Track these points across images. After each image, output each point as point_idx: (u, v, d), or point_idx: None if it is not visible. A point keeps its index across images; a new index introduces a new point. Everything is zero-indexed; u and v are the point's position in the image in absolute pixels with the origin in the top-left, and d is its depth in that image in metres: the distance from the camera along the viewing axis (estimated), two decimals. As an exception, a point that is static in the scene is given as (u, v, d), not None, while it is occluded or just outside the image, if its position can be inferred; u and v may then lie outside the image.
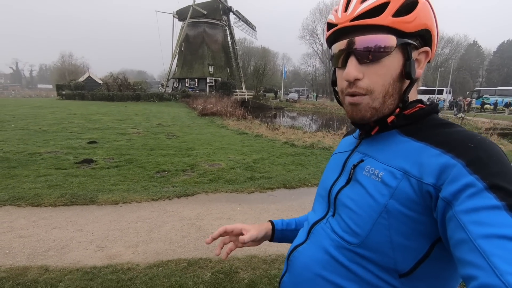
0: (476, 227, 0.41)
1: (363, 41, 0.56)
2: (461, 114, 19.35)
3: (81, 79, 38.38)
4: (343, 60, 0.60)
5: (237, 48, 46.18)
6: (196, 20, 39.75)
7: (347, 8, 0.59)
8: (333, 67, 0.68)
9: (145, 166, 5.63)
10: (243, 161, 6.17)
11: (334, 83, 0.69)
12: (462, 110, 21.56)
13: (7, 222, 3.16)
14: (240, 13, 42.68)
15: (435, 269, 0.54)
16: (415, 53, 0.58)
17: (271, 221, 0.92)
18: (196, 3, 38.73)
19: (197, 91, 36.45)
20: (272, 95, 48.36)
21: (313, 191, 4.53)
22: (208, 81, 39.13)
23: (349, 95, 0.60)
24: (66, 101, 28.76)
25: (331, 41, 0.64)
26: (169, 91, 37.02)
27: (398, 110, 0.59)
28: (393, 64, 0.57)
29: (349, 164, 0.67)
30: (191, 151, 7.10)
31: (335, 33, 0.61)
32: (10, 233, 2.92)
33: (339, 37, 0.60)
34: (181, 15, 41.24)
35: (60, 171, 5.12)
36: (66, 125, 11.19)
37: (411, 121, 0.60)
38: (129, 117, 14.98)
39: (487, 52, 61.78)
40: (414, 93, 0.63)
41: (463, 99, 25.34)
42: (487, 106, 27.49)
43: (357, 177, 0.62)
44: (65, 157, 6.16)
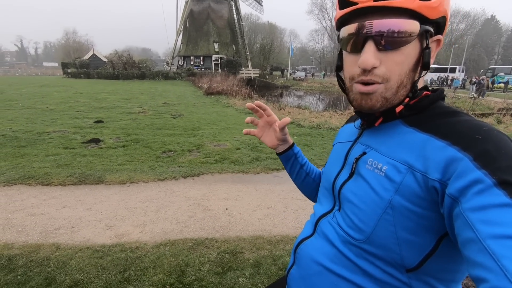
0: (484, 227, 0.39)
1: (386, 25, 0.50)
2: (480, 96, 18.20)
3: (86, 57, 38.04)
4: (355, 44, 0.54)
5: (243, 24, 44.82)
6: (201, -6, 38.48)
7: None
8: (339, 49, 0.62)
9: (151, 146, 5.66)
10: (249, 142, 6.15)
11: (339, 68, 0.63)
12: (484, 90, 19.85)
13: (19, 200, 3.25)
14: (246, -13, 41.07)
15: (443, 263, 0.52)
16: (430, 41, 0.54)
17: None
18: (200, -24, 37.30)
19: (203, 69, 35.98)
20: (278, 73, 47.50)
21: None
22: (213, 59, 38.46)
23: (361, 84, 0.55)
24: (71, 79, 28.76)
25: (343, 21, 0.57)
26: (174, 69, 36.61)
27: (407, 99, 0.56)
28: (411, 52, 0.53)
29: (351, 156, 0.65)
30: (197, 131, 7.10)
31: (351, 13, 0.54)
32: (22, 211, 3.01)
33: (355, 18, 0.55)
34: (185, -11, 39.89)
35: (68, 151, 5.18)
36: (72, 104, 11.23)
37: (416, 111, 0.57)
38: (135, 96, 14.94)
39: (505, 27, 58.92)
40: (421, 81, 0.59)
41: (487, 78, 23.22)
42: (500, 85, 26.55)
43: (360, 170, 0.60)
44: (73, 136, 6.23)
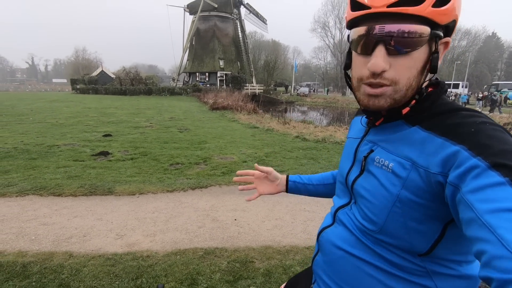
0: (482, 204, 0.42)
1: (397, 30, 0.52)
2: (493, 112, 17.46)
3: (95, 74, 39.16)
4: (366, 46, 0.55)
5: (247, 41, 45.96)
6: (207, 13, 39.73)
7: None
8: (346, 52, 0.63)
9: (159, 158, 5.74)
10: (255, 155, 6.21)
11: (347, 66, 0.64)
12: (498, 105, 18.95)
13: (31, 210, 3.31)
14: (251, 6, 42.38)
15: (452, 246, 0.57)
16: (438, 45, 0.55)
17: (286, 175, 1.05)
18: (207, -4, 38.65)
19: (208, 85, 36.63)
20: (282, 89, 48.08)
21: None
22: (218, 75, 39.20)
23: (370, 86, 0.57)
24: (80, 95, 29.39)
25: (353, 23, 0.58)
26: (180, 85, 37.29)
27: (414, 101, 0.58)
28: (420, 56, 0.54)
29: (359, 153, 0.69)
30: (203, 145, 7.19)
31: (363, 16, 0.55)
32: (34, 220, 3.06)
33: (366, 21, 0.56)
34: (192, 8, 41.25)
35: (78, 163, 5.28)
36: (81, 118, 11.46)
37: (419, 111, 0.59)
38: (142, 111, 15.21)
39: (507, 44, 59.48)
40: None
41: (500, 94, 21.14)
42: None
43: (369, 168, 0.64)
44: (82, 149, 6.35)
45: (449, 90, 31.43)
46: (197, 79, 39.74)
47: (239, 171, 1.04)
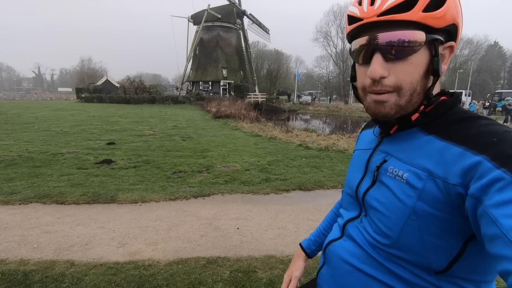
0: (508, 220, 0.40)
1: (390, 37, 0.53)
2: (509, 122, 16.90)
3: (99, 83, 39.63)
4: (365, 56, 0.57)
5: (250, 51, 46.47)
6: (210, 24, 40.34)
7: (373, 1, 0.55)
8: (351, 63, 0.65)
9: (162, 166, 5.75)
10: (258, 163, 6.20)
11: (353, 78, 0.66)
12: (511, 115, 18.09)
13: (34, 218, 3.31)
14: (253, 17, 43.01)
15: (472, 264, 0.53)
16: (441, 48, 0.56)
17: (301, 246, 0.99)
18: (210, 7, 39.32)
19: (211, 94, 36.91)
20: (285, 97, 48.31)
21: (328, 193, 4.50)
22: (221, 84, 39.53)
23: (374, 93, 0.57)
24: (85, 103, 29.73)
25: (352, 36, 0.61)
26: (184, 94, 37.63)
27: (422, 107, 0.57)
28: (420, 61, 0.54)
29: (372, 164, 0.66)
30: (206, 153, 7.20)
31: (359, 28, 0.58)
32: (37, 228, 3.06)
33: (362, 32, 0.58)
34: (196, 19, 41.95)
35: (81, 171, 5.30)
36: (85, 127, 11.56)
37: (433, 118, 0.58)
38: (145, 119, 15.31)
39: (509, 53, 59.59)
40: (437, 86, 0.60)
41: None
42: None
43: (381, 178, 0.61)
44: (86, 157, 6.38)
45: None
46: (200, 88, 40.06)
47: None
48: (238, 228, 3.21)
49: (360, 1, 0.58)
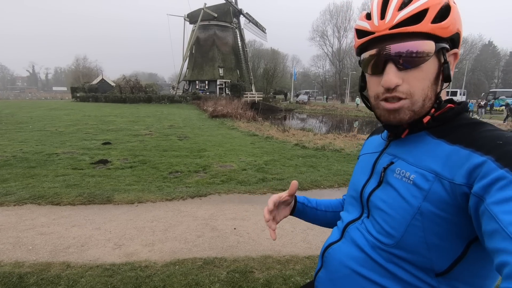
0: (507, 216, 0.41)
1: (403, 48, 0.56)
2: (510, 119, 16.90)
3: (95, 82, 39.32)
4: (376, 66, 0.60)
5: (247, 50, 46.45)
6: (206, 23, 40.25)
7: (383, 15, 0.58)
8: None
9: (158, 167, 5.73)
10: (255, 163, 6.21)
11: (362, 88, 0.69)
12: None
13: (29, 219, 3.28)
14: (250, 16, 42.98)
15: (472, 267, 0.54)
16: (447, 56, 0.59)
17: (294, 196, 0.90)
18: (207, 6, 39.24)
19: (207, 93, 36.84)
20: (281, 97, 48.35)
21: (325, 193, 4.52)
22: (218, 83, 39.49)
23: (387, 101, 0.60)
24: (80, 103, 29.51)
25: (362, 49, 0.64)
26: (180, 93, 37.50)
27: (433, 110, 0.60)
28: (431, 68, 0.58)
29: (378, 166, 0.67)
30: (203, 153, 7.18)
31: (369, 41, 0.61)
32: (32, 230, 3.03)
33: (373, 44, 0.60)
34: (192, 18, 41.81)
35: (77, 171, 5.26)
36: (81, 126, 11.48)
37: (441, 122, 0.61)
38: (141, 118, 15.24)
39: (503, 52, 60.13)
40: (443, 93, 0.63)
41: None
42: (502, 108, 26.73)
43: (388, 179, 0.62)
44: (81, 157, 6.33)
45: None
46: (197, 87, 39.99)
47: (265, 217, 0.81)
48: (235, 228, 3.21)
49: (368, 16, 0.61)
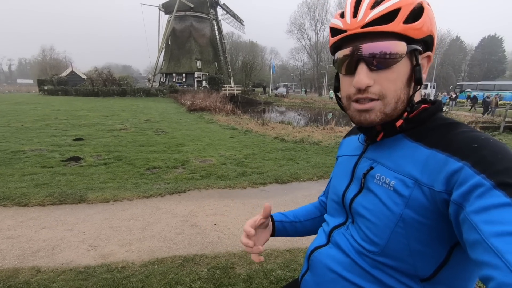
0: (487, 226, 0.41)
1: (375, 48, 0.55)
2: (488, 114, 16.59)
3: (64, 74, 37.21)
4: (349, 66, 0.59)
5: (225, 42, 45.75)
6: (182, 13, 39.07)
7: (356, 14, 0.57)
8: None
9: (134, 163, 5.54)
10: (234, 157, 6.17)
11: (336, 89, 0.68)
12: (491, 110, 17.88)
13: (-7, 223, 3.07)
14: (227, 7, 42.23)
15: (456, 271, 0.55)
16: (419, 58, 0.58)
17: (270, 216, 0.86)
18: (182, -4, 38.01)
19: (185, 86, 36.03)
20: (260, 90, 48.29)
21: (304, 185, 4.58)
22: (196, 76, 38.69)
23: (358, 102, 0.59)
24: (48, 96, 27.85)
25: (335, 47, 0.63)
26: (156, 86, 36.39)
27: (406, 114, 0.59)
28: (402, 70, 0.57)
29: (358, 171, 0.67)
30: (181, 147, 7.04)
31: (342, 39, 0.60)
32: (-3, 234, 2.84)
33: (346, 43, 0.59)
34: (167, 8, 40.43)
35: (46, 170, 4.98)
36: (49, 121, 10.85)
37: (417, 124, 0.60)
38: (116, 113, 14.66)
39: (469, 47, 63.39)
40: (417, 95, 0.62)
41: (495, 96, 19.12)
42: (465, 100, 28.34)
43: (369, 185, 0.62)
44: (51, 154, 5.99)
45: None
46: (174, 80, 38.96)
47: (248, 244, 0.74)
48: (215, 224, 3.18)
49: (342, 14, 0.60)
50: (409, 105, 0.59)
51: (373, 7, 0.56)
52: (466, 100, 26.68)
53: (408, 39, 0.56)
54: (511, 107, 13.25)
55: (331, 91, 38.05)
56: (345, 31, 0.58)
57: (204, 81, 37.80)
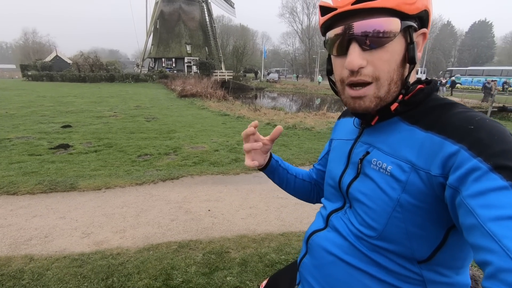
0: (484, 210, 0.40)
1: (367, 26, 0.52)
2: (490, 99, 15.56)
3: (48, 59, 35.80)
4: (341, 47, 0.56)
5: (215, 26, 44.57)
6: (171, -5, 37.75)
7: None
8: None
9: (125, 150, 5.47)
10: (227, 143, 6.15)
11: (329, 72, 0.64)
12: (493, 94, 16.73)
13: (-18, 212, 3.01)
14: (217, -11, 40.92)
15: (452, 252, 0.55)
16: (414, 36, 0.55)
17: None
18: (170, -24, 36.62)
19: (175, 71, 35.27)
20: (252, 75, 47.74)
21: (297, 171, 4.62)
22: (186, 60, 37.84)
23: (351, 87, 0.57)
24: (32, 82, 26.93)
25: (326, 27, 0.59)
26: (145, 72, 35.56)
27: (401, 96, 0.57)
28: (396, 48, 0.54)
29: (354, 155, 0.65)
30: (173, 134, 6.96)
31: (332, 18, 0.56)
32: (-14, 223, 2.79)
33: (337, 22, 0.56)
34: (154, -11, 38.92)
35: (34, 157, 4.87)
36: (35, 108, 10.53)
37: (412, 106, 0.58)
38: (104, 99, 14.32)
39: (460, 32, 63.62)
40: (413, 75, 0.60)
41: (493, 81, 18.48)
42: (458, 85, 28.75)
43: (365, 170, 0.61)
44: (38, 142, 5.85)
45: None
46: (163, 65, 38.04)
47: (249, 131, 0.81)
48: (209, 210, 3.20)
49: None
50: (404, 87, 0.57)
51: None
52: (449, 86, 27.07)
53: (402, 15, 0.52)
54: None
55: (319, 76, 38.27)
56: (335, 9, 0.55)
57: (194, 66, 37.08)
